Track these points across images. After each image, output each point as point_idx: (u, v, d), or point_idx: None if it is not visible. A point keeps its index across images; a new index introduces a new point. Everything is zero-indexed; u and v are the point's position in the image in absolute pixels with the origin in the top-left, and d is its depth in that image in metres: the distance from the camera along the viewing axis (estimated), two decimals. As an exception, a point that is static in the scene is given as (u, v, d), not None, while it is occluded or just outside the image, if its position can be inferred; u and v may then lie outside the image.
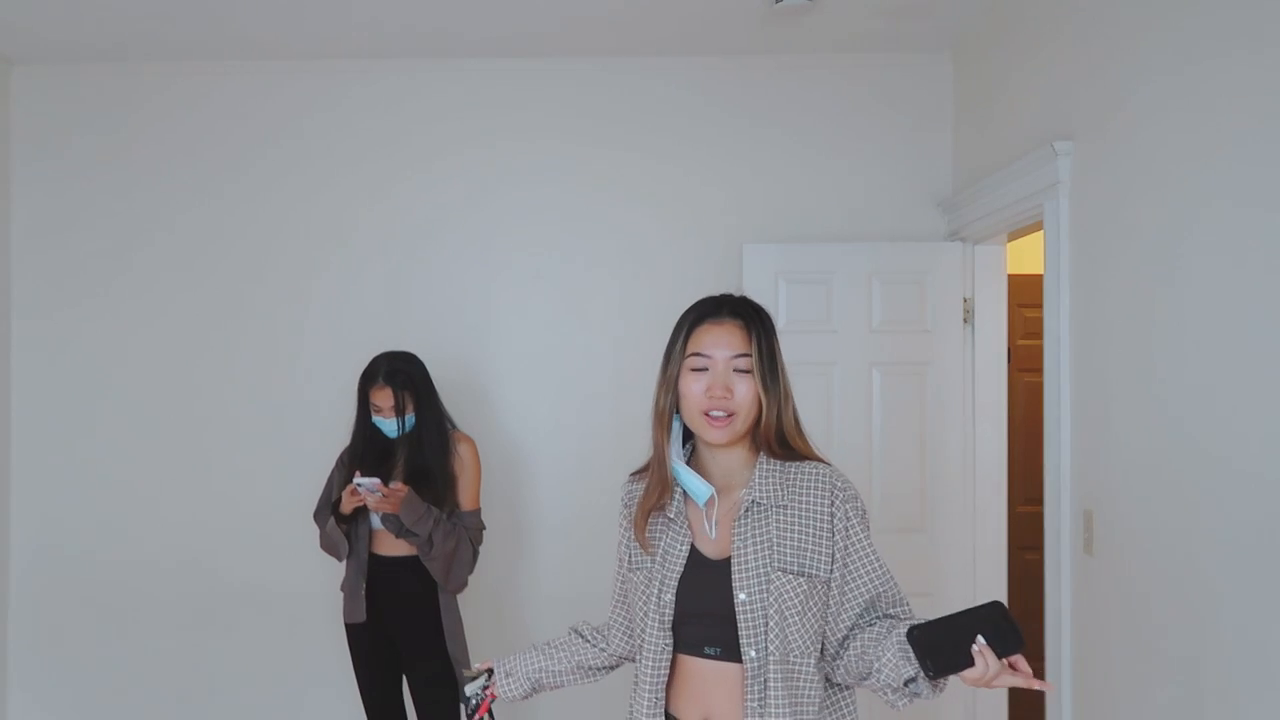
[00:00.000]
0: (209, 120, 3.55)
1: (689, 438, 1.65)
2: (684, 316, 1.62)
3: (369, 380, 2.89)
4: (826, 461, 1.61)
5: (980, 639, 1.35)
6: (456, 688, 2.91)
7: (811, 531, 1.53)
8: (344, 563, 2.96)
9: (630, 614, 1.70)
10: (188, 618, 3.53)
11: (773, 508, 1.55)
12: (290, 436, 3.51)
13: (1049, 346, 2.66)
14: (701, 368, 1.56)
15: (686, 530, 1.60)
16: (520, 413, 3.54)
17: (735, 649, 1.52)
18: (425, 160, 3.54)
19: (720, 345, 1.56)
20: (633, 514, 1.67)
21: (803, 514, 1.54)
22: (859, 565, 1.55)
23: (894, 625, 1.50)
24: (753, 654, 1.49)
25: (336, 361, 3.42)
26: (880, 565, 1.56)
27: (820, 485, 1.56)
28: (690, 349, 1.58)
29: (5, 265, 3.55)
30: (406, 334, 3.36)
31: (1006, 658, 1.36)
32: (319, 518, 3.00)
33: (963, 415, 3.32)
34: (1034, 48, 2.82)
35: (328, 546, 2.96)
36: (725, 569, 1.53)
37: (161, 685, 3.54)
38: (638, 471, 1.71)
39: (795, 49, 3.45)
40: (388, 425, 2.88)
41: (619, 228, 3.53)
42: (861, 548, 1.55)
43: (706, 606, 1.54)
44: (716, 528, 1.58)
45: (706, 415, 1.55)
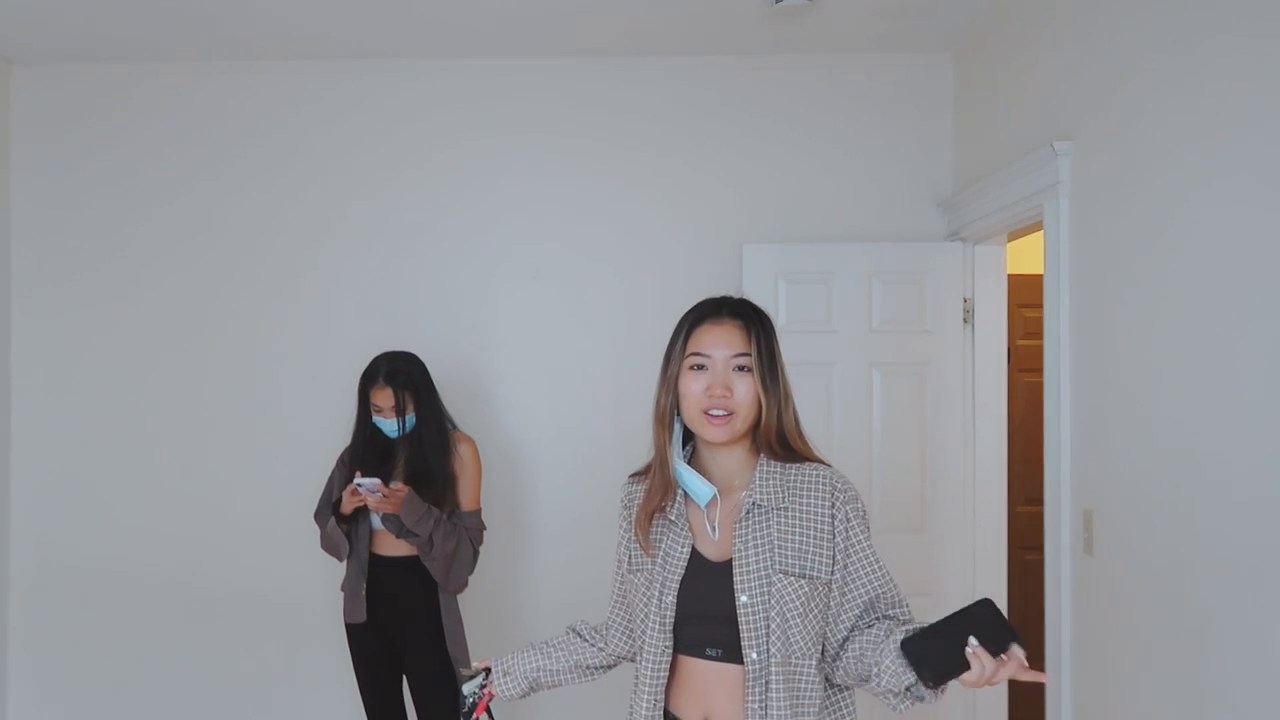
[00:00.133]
0: (208, 120, 3.55)
1: (689, 439, 1.65)
2: (684, 317, 1.63)
3: (369, 380, 2.89)
4: (826, 463, 1.61)
5: (973, 640, 1.34)
6: (456, 687, 2.91)
7: (812, 533, 1.54)
8: (344, 563, 2.96)
9: (629, 614, 1.71)
10: (187, 616, 3.53)
11: (773, 510, 1.55)
12: (291, 436, 3.51)
13: (1049, 346, 2.66)
14: (701, 366, 1.57)
15: (688, 532, 1.60)
16: (520, 413, 3.54)
17: (736, 650, 1.52)
18: (426, 159, 3.54)
19: (720, 345, 1.57)
20: (633, 515, 1.67)
21: (803, 516, 1.54)
22: (859, 566, 1.55)
23: (892, 628, 1.51)
24: (754, 656, 1.49)
25: (337, 361, 3.41)
26: (880, 567, 1.56)
27: (821, 487, 1.56)
28: (690, 349, 1.58)
29: (5, 265, 3.55)
30: (407, 333, 3.36)
31: (1002, 653, 1.35)
32: (319, 518, 3.00)
33: (963, 415, 3.32)
34: (1034, 48, 2.83)
35: (328, 546, 2.96)
36: (726, 571, 1.53)
37: (161, 685, 3.54)
38: (637, 473, 1.71)
39: (795, 49, 3.45)
40: (388, 425, 2.88)
41: (618, 228, 3.52)
42: (861, 549, 1.56)
43: (708, 608, 1.54)
44: (718, 529, 1.58)
45: (706, 414, 1.56)
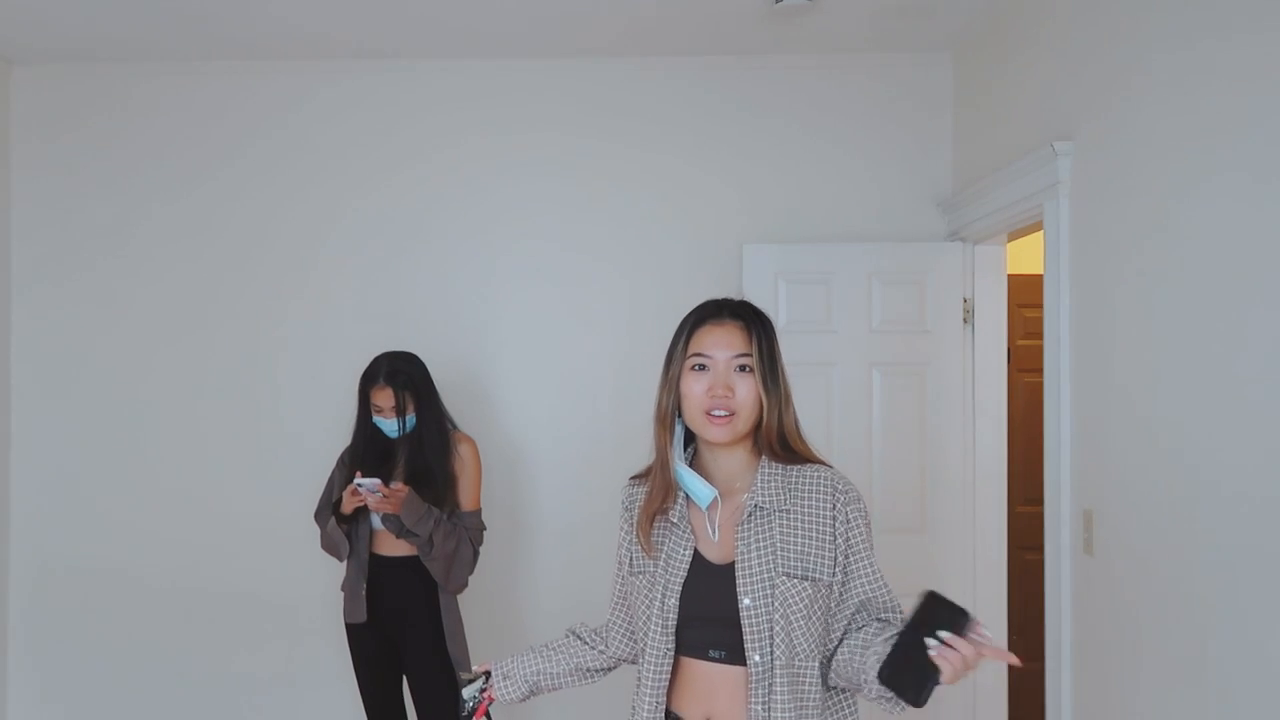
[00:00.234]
0: (208, 120, 3.54)
1: (691, 441, 1.65)
2: (685, 319, 1.63)
3: (369, 380, 2.89)
4: (827, 464, 1.61)
5: (931, 643, 1.33)
6: (457, 688, 2.91)
7: (815, 535, 1.54)
8: (344, 563, 2.96)
9: (630, 616, 1.70)
10: (187, 616, 3.53)
11: (775, 512, 1.55)
12: (291, 436, 3.51)
13: (1049, 346, 2.66)
14: (703, 367, 1.57)
15: (690, 534, 1.60)
16: (520, 413, 3.53)
17: (740, 652, 1.52)
18: (426, 158, 3.53)
19: (721, 346, 1.57)
20: (634, 517, 1.67)
21: (806, 518, 1.54)
22: (856, 569, 1.56)
23: (882, 629, 1.52)
24: (757, 658, 1.49)
25: (337, 361, 3.41)
26: (875, 570, 1.57)
27: (822, 488, 1.56)
28: (691, 350, 1.59)
29: (5, 265, 3.55)
30: (407, 333, 3.36)
31: (966, 636, 1.34)
32: (320, 518, 3.00)
33: (963, 415, 3.32)
34: (1034, 48, 2.83)
35: (328, 547, 2.96)
36: (729, 574, 1.53)
37: (161, 685, 3.53)
38: (638, 475, 1.71)
39: (795, 49, 3.45)
40: (388, 425, 2.88)
41: (618, 228, 3.52)
42: (860, 551, 1.56)
43: (710, 611, 1.54)
44: (719, 531, 1.58)
45: (708, 414, 1.56)
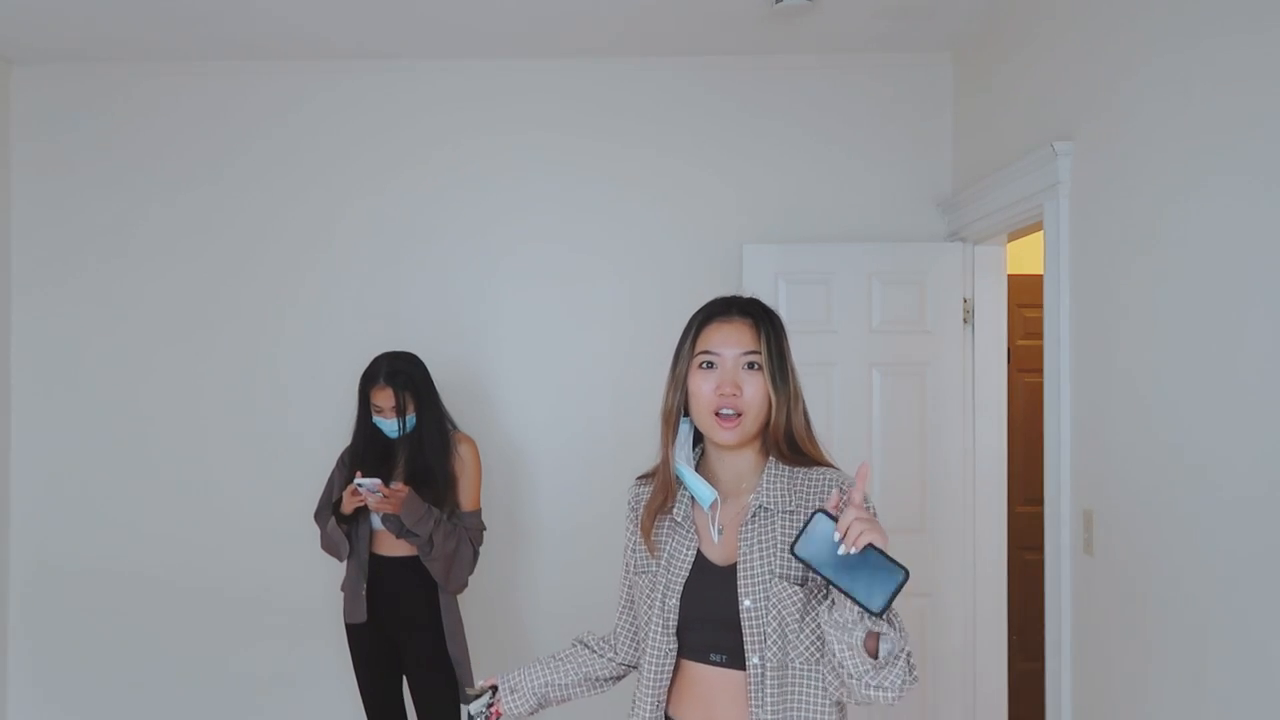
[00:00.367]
0: (208, 120, 3.54)
1: (699, 440, 1.64)
2: (693, 316, 1.62)
3: (370, 380, 2.89)
4: (836, 466, 1.59)
5: (824, 514, 1.38)
6: (457, 688, 2.91)
7: None
8: (344, 563, 2.96)
9: (636, 619, 1.70)
10: (187, 616, 3.53)
11: (779, 513, 1.53)
12: (291, 436, 3.51)
13: (1049, 346, 2.66)
14: (711, 365, 1.55)
15: (693, 534, 1.59)
16: (520, 413, 3.53)
17: (741, 656, 1.50)
18: (426, 158, 3.53)
19: (729, 343, 1.55)
20: (639, 517, 1.65)
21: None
22: None
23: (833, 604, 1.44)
24: (756, 661, 1.48)
25: (337, 361, 3.41)
26: None
27: (827, 490, 1.54)
28: (699, 347, 1.57)
29: (5, 265, 3.54)
30: (407, 333, 3.36)
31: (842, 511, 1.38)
32: (320, 518, 3.00)
33: (963, 415, 3.32)
34: (1034, 48, 2.83)
35: (329, 547, 2.96)
36: (731, 575, 1.52)
37: (161, 684, 3.53)
38: (645, 474, 1.69)
39: (795, 49, 3.45)
40: (388, 426, 2.88)
41: (618, 228, 3.52)
42: None
43: (711, 612, 1.53)
44: (722, 532, 1.57)
45: (716, 415, 1.53)
